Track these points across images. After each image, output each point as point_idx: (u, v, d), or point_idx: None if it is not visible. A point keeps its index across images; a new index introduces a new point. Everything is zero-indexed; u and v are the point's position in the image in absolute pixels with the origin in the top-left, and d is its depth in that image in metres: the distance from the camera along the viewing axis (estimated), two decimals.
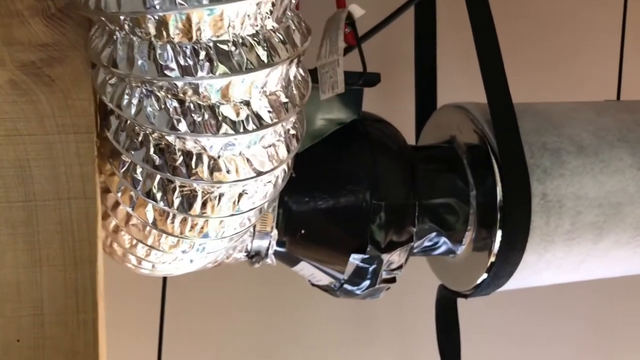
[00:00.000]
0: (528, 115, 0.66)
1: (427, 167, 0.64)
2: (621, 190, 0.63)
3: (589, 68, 0.93)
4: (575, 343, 1.00)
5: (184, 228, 0.38)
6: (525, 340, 0.99)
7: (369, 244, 0.58)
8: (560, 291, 0.99)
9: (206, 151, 0.33)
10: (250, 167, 0.34)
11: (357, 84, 0.59)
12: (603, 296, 1.00)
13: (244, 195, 0.36)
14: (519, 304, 0.98)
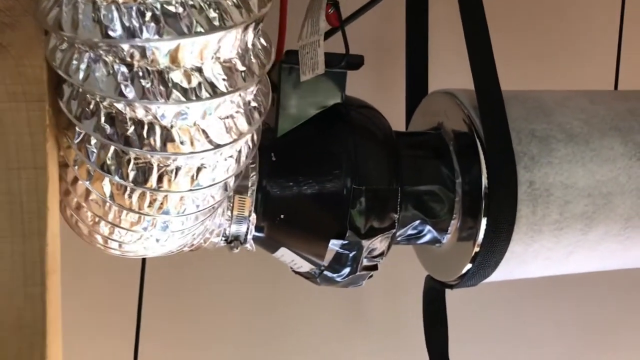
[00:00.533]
0: (517, 102, 0.64)
1: (412, 153, 0.62)
2: (612, 179, 0.61)
3: (586, 60, 0.91)
4: (565, 341, 0.98)
5: (142, 203, 0.36)
6: (514, 335, 0.97)
7: (349, 230, 0.56)
8: (551, 287, 0.97)
9: (158, 121, 0.32)
10: (206, 138, 0.33)
11: (339, 66, 0.57)
12: (595, 293, 0.98)
13: (202, 170, 0.35)
14: (509, 298, 0.96)
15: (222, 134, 0.33)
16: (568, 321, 0.98)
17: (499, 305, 0.96)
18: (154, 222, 0.39)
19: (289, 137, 0.58)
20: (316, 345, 0.95)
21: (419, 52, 0.73)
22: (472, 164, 0.60)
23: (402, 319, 0.95)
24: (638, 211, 0.62)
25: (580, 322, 0.98)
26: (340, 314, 0.96)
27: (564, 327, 0.97)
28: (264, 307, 0.93)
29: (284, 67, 0.56)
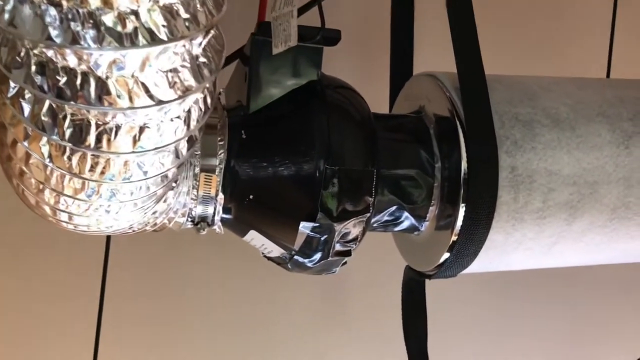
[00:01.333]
0: (501, 85, 0.61)
1: (391, 136, 0.60)
2: (598, 168, 0.58)
3: (578, 49, 0.89)
4: (551, 336, 0.95)
5: (83, 166, 0.34)
6: (497, 330, 0.94)
7: (320, 212, 0.53)
8: (536, 281, 0.94)
9: (92, 70, 0.29)
10: (147, 93, 0.30)
11: (314, 40, 0.54)
12: (583, 289, 0.96)
13: (146, 130, 0.32)
14: (493, 291, 0.94)
15: (165, 89, 0.31)
16: (553, 316, 0.95)
17: (481, 298, 0.93)
18: (99, 189, 0.36)
19: (261, 115, 0.55)
20: (295, 338, 0.92)
21: (404, 33, 0.70)
22: (452, 149, 0.57)
23: (383, 311, 0.92)
24: (625, 202, 0.59)
25: (568, 317, 0.96)
26: (320, 306, 0.93)
27: (548, 322, 0.95)
28: (240, 300, 0.90)
29: (256, 39, 0.53)
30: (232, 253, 0.86)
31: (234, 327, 0.90)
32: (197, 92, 0.32)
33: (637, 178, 0.59)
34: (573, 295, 0.96)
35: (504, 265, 0.63)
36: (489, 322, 0.94)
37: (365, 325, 0.92)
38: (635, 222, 0.60)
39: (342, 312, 0.93)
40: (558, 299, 0.95)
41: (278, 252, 0.58)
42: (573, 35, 0.91)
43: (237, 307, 0.91)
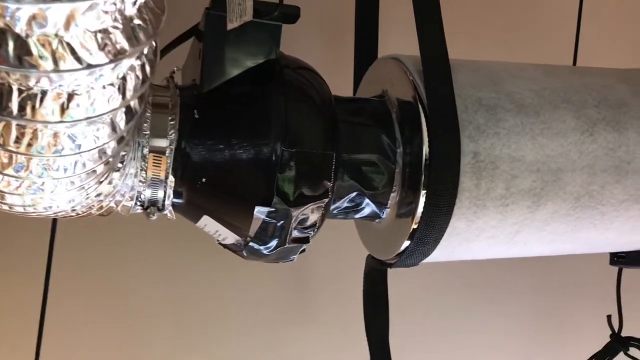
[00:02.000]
0: (465, 69, 0.59)
1: (352, 120, 0.57)
2: (562, 155, 0.57)
3: (546, 38, 0.88)
4: (516, 328, 0.94)
5: (7, 138, 0.31)
6: (460, 322, 0.93)
7: (276, 196, 0.51)
8: (505, 276, 0.93)
9: (10, 27, 0.26)
10: (73, 55, 0.27)
11: (272, 16, 0.52)
12: (547, 281, 0.95)
13: (75, 98, 0.29)
14: (458, 286, 0.93)
15: (95, 52, 0.28)
16: (520, 309, 0.94)
17: (445, 290, 0.92)
18: (28, 164, 0.33)
19: (215, 94, 0.52)
20: (256, 330, 0.90)
21: (369, 15, 0.68)
22: (414, 133, 0.55)
23: (346, 301, 0.90)
24: (589, 190, 0.58)
25: (533, 311, 0.95)
26: (282, 297, 0.91)
27: (514, 314, 0.94)
28: (199, 293, 0.87)
29: (210, 14, 0.51)
30: (187, 244, 0.83)
31: (193, 321, 0.87)
32: (131, 56, 0.30)
33: (601, 166, 0.58)
34: (537, 287, 0.95)
35: (467, 254, 0.62)
36: (451, 312, 0.93)
37: (327, 316, 0.90)
38: (599, 212, 0.59)
39: (304, 303, 0.91)
40: (522, 291, 0.95)
41: (233, 239, 0.55)
42: (540, 23, 0.90)
43: (196, 301, 0.88)
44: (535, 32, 0.88)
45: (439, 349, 0.91)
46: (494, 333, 0.93)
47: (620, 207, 0.59)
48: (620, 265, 0.70)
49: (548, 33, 0.87)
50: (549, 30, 0.87)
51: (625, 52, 0.90)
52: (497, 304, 0.93)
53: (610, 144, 0.58)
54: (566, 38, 0.78)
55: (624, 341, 0.74)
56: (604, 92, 0.60)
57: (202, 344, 0.87)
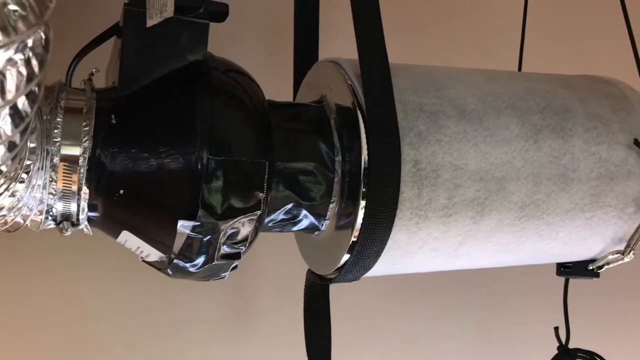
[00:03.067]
0: (406, 73, 0.56)
1: (288, 126, 0.54)
2: (506, 163, 0.55)
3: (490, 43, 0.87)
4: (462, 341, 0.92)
5: None
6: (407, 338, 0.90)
7: (201, 209, 0.46)
8: (450, 289, 0.91)
9: None
10: None
11: (197, 14, 0.48)
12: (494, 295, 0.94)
13: None
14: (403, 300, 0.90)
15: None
16: (464, 320, 0.92)
17: (388, 305, 0.89)
18: None
19: (135, 97, 0.48)
20: (199, 347, 0.85)
21: (309, 16, 0.65)
22: (353, 141, 0.52)
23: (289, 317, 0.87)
24: (534, 199, 0.56)
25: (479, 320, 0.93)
26: (225, 314, 0.86)
27: (459, 326, 0.92)
28: (136, 306, 0.82)
29: (128, 10, 0.46)
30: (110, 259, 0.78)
31: (131, 335, 0.82)
32: (9, 48, 0.25)
33: (545, 174, 0.56)
34: (484, 299, 0.93)
35: (410, 267, 0.59)
36: (395, 328, 0.90)
37: (270, 332, 0.86)
38: (545, 221, 0.57)
39: (248, 321, 0.86)
40: (469, 303, 0.93)
41: (156, 256, 0.50)
42: (485, 28, 0.89)
43: (134, 314, 0.82)
44: (479, 36, 0.87)
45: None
46: (440, 347, 0.91)
47: (566, 216, 0.57)
48: (567, 276, 0.68)
49: (493, 37, 0.85)
50: (494, 35, 0.86)
51: (568, 59, 0.89)
52: (442, 318, 0.91)
53: (555, 151, 0.56)
54: (511, 44, 0.77)
55: (571, 353, 0.72)
56: (548, 98, 0.58)
57: None
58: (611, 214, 0.58)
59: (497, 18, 0.88)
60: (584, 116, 0.58)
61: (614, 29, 0.65)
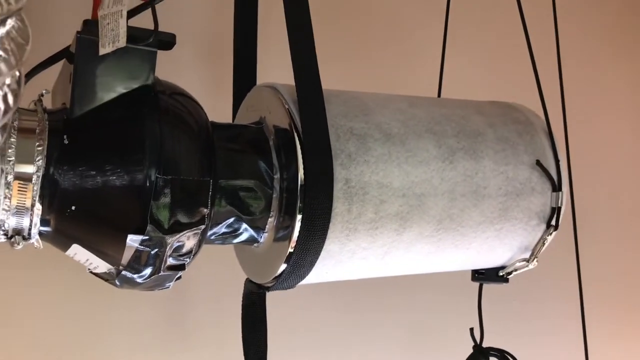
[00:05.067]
0: (338, 99, 0.62)
1: (229, 146, 0.58)
2: (425, 181, 0.61)
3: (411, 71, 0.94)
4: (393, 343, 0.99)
5: None
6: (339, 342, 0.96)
7: (150, 224, 0.50)
8: (376, 292, 0.97)
9: None
10: None
11: (147, 42, 0.52)
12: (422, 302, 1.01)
13: None
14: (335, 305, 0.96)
15: None
16: (391, 324, 0.99)
17: (321, 311, 0.95)
18: None
19: (86, 120, 0.51)
20: (132, 354, 0.87)
21: (248, 42, 0.69)
22: (290, 160, 0.57)
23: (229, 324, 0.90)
24: (450, 213, 0.63)
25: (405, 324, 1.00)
26: (160, 320, 0.89)
27: (386, 329, 0.98)
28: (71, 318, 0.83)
29: (81, 38, 0.49)
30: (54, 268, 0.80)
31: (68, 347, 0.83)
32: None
33: (460, 191, 0.63)
34: (408, 304, 1.00)
35: (341, 275, 0.64)
36: (328, 332, 0.95)
37: (206, 339, 0.89)
38: (459, 233, 0.64)
39: (182, 327, 0.89)
40: (394, 308, 0.99)
41: (105, 268, 0.54)
42: (407, 57, 0.96)
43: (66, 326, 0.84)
44: (403, 64, 0.94)
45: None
46: (369, 350, 0.97)
47: (478, 228, 0.64)
48: (480, 281, 0.76)
49: (414, 65, 0.93)
50: (415, 63, 0.93)
51: (482, 84, 0.98)
52: (371, 323, 0.97)
53: (468, 171, 0.63)
54: (432, 69, 0.84)
55: (485, 351, 0.79)
56: (462, 123, 0.65)
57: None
58: (517, 225, 0.66)
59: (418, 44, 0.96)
60: (494, 140, 0.65)
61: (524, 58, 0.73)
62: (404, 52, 0.96)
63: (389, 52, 0.95)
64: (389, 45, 0.95)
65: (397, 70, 0.93)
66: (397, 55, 0.95)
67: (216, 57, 0.81)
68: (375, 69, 0.93)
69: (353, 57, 0.92)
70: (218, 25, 0.81)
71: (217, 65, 0.81)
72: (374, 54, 0.95)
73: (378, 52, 0.95)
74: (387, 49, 0.95)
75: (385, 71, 0.93)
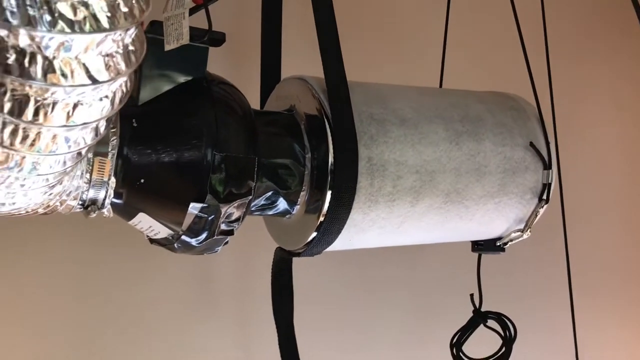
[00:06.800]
0: (360, 89, 0.72)
1: (268, 130, 0.68)
2: (435, 160, 0.71)
3: (415, 63, 1.04)
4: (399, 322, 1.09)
5: (14, 139, 0.37)
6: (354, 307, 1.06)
7: (209, 194, 0.59)
8: (386, 270, 1.07)
9: (41, 51, 0.33)
10: (86, 73, 0.35)
11: (202, 39, 0.61)
12: (427, 273, 1.11)
13: (79, 107, 0.37)
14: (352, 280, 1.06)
15: (102, 71, 0.36)
16: (399, 294, 1.09)
17: (336, 284, 1.05)
18: (22, 162, 0.40)
19: (151, 106, 0.60)
20: (163, 328, 0.96)
21: (273, 44, 0.79)
22: (320, 142, 0.67)
23: (250, 299, 1.00)
24: (456, 188, 0.73)
25: (411, 294, 1.10)
26: (189, 296, 0.98)
27: (395, 298, 1.09)
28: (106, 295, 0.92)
29: (148, 36, 0.58)
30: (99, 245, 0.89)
31: (103, 322, 0.92)
32: (125, 75, 0.38)
33: (465, 168, 0.73)
34: (415, 276, 1.10)
35: (362, 243, 0.74)
36: (339, 303, 1.05)
37: (233, 312, 0.99)
38: (464, 205, 0.74)
39: (210, 301, 0.98)
40: (400, 279, 1.09)
41: (165, 234, 0.63)
42: (410, 52, 1.07)
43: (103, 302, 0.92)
44: (406, 59, 1.04)
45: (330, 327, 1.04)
46: (379, 315, 1.07)
47: (480, 201, 0.74)
48: (479, 252, 0.86)
49: (417, 60, 1.03)
50: (418, 58, 1.03)
51: (481, 77, 1.08)
52: (378, 292, 1.07)
53: (472, 151, 0.73)
54: (434, 64, 0.94)
55: (484, 315, 0.89)
56: (466, 110, 0.75)
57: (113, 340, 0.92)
58: (514, 199, 0.76)
59: (420, 42, 1.06)
60: (493, 124, 0.76)
61: (517, 54, 0.83)
62: (405, 50, 1.06)
63: (392, 48, 1.05)
64: (392, 43, 1.06)
65: (400, 64, 1.04)
66: (399, 51, 1.05)
67: (238, 54, 0.91)
68: (379, 64, 1.03)
69: (368, 52, 1.01)
70: (242, 25, 0.91)
71: (244, 62, 0.90)
72: (383, 50, 1.05)
73: (387, 48, 1.05)
74: (390, 46, 1.05)
75: (388, 65, 1.03)
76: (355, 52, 0.99)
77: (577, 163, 1.18)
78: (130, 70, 0.38)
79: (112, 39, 0.35)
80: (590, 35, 1.25)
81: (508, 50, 0.91)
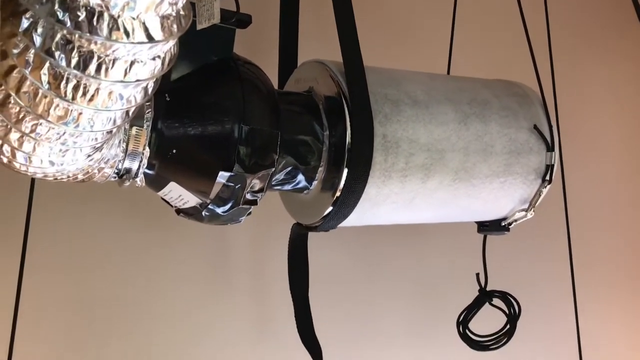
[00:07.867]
0: (374, 73, 0.77)
1: (289, 108, 0.72)
2: (445, 139, 0.76)
3: (424, 52, 1.09)
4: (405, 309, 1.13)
5: (75, 93, 0.41)
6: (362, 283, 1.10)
7: (236, 163, 0.64)
8: (394, 252, 1.11)
9: (108, 10, 0.38)
10: (145, 32, 0.39)
11: (230, 20, 0.65)
12: (435, 255, 1.15)
13: (135, 64, 0.41)
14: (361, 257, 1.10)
15: (158, 31, 0.40)
16: (407, 276, 1.13)
17: (348, 264, 1.09)
18: (79, 118, 0.44)
19: (183, 82, 0.65)
20: (179, 310, 0.99)
21: (291, 30, 0.84)
22: (338, 120, 0.71)
23: (265, 276, 1.04)
24: (464, 166, 0.77)
25: (419, 276, 1.14)
26: (207, 277, 1.02)
27: (402, 281, 1.13)
28: (134, 275, 0.96)
29: None
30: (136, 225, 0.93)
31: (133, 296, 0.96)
32: (175, 37, 0.42)
33: (472, 148, 0.77)
34: (423, 260, 1.14)
35: (375, 218, 0.78)
36: (353, 281, 1.09)
37: (246, 284, 1.03)
38: (471, 183, 0.78)
39: (228, 283, 1.03)
40: (409, 260, 1.13)
41: (194, 202, 0.67)
42: (418, 46, 1.11)
43: (136, 283, 0.96)
44: (414, 50, 1.09)
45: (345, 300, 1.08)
46: (388, 291, 1.11)
47: (486, 180, 0.79)
48: (485, 233, 0.90)
49: (426, 52, 1.08)
50: (427, 50, 1.08)
51: (486, 65, 1.13)
52: (387, 274, 1.11)
53: (479, 132, 0.77)
54: (441, 56, 0.99)
55: (489, 294, 0.94)
56: (474, 94, 0.80)
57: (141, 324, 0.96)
58: (518, 179, 0.81)
59: (429, 30, 1.11)
60: (499, 108, 0.80)
61: (522, 46, 0.88)
62: (410, 48, 1.11)
63: (398, 46, 1.11)
64: (406, 33, 1.10)
65: (411, 51, 1.09)
66: (409, 39, 1.10)
67: (261, 40, 0.95)
68: (396, 50, 1.08)
69: (380, 40, 1.06)
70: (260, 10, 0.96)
71: (262, 47, 0.95)
72: (394, 38, 1.10)
73: (397, 37, 1.10)
74: (405, 35, 1.10)
75: (404, 52, 1.08)
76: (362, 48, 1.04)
77: (579, 152, 1.23)
78: (180, 33, 0.42)
79: (168, 2, 0.39)
80: (590, 34, 1.30)
81: (513, 48, 0.96)
